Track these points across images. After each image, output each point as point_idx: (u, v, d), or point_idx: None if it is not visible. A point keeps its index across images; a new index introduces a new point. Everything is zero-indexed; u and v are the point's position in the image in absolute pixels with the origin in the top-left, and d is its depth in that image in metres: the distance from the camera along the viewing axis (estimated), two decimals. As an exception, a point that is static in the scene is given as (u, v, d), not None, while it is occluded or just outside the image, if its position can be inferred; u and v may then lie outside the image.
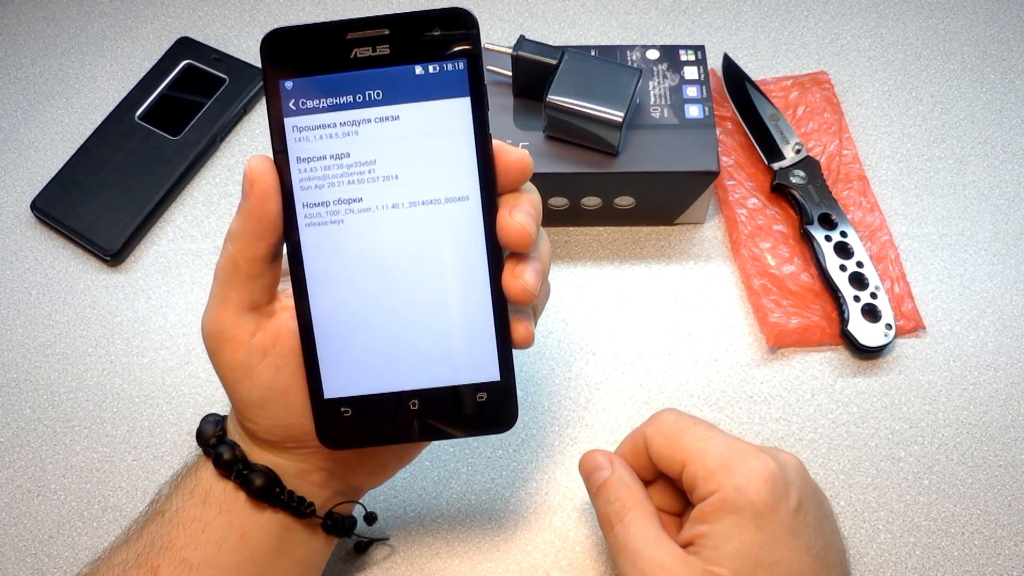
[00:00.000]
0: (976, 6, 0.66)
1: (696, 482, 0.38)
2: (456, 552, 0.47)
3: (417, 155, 0.34)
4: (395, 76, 0.33)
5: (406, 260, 0.34)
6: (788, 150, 0.57)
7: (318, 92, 0.33)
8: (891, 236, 0.56)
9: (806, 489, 0.38)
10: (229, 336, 0.35)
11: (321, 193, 0.34)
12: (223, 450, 0.37)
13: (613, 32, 0.66)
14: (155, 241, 0.58)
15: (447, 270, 0.34)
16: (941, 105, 0.61)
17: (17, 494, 0.50)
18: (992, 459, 0.49)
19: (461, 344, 0.35)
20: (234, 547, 0.37)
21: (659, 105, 0.54)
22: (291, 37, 0.33)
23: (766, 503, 0.36)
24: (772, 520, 0.36)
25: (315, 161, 0.34)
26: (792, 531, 0.36)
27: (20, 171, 0.61)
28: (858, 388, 0.51)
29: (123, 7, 0.69)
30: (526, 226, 0.34)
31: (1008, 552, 0.46)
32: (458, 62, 0.33)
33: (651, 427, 0.40)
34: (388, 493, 0.49)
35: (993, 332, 0.53)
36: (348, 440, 0.36)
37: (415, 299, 0.35)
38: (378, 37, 0.33)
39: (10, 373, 0.54)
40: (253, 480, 0.37)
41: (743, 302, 0.54)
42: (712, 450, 0.38)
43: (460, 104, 0.33)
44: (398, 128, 0.34)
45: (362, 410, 0.36)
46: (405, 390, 0.35)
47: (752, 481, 0.36)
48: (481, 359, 0.35)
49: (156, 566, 0.36)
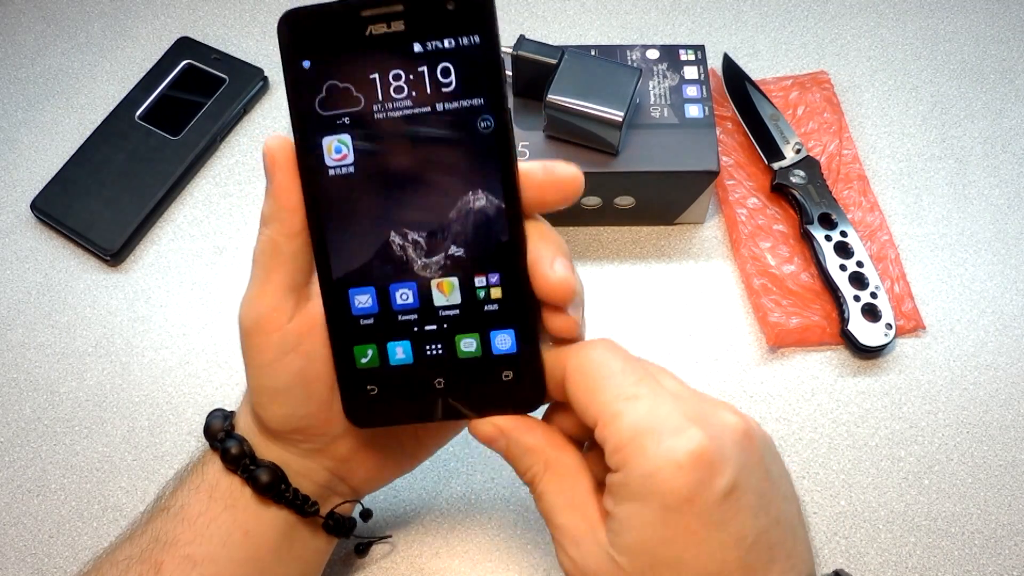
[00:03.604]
0: (976, 6, 0.66)
1: (605, 447, 0.32)
2: (456, 552, 0.47)
3: (433, 134, 0.34)
4: (411, 53, 0.33)
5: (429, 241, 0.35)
6: (788, 150, 0.57)
7: (335, 72, 0.33)
8: (891, 236, 0.56)
9: (748, 462, 0.32)
10: (267, 320, 0.35)
11: (343, 172, 0.34)
12: (231, 445, 0.37)
13: (613, 32, 0.66)
14: (155, 241, 0.58)
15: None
16: (941, 105, 0.61)
17: (17, 494, 0.50)
18: (992, 459, 0.49)
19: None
20: (238, 543, 0.37)
21: (659, 105, 0.54)
22: (308, 17, 0.33)
23: (678, 494, 0.30)
24: (685, 513, 0.30)
25: (336, 135, 0.34)
26: (715, 522, 0.30)
27: (20, 171, 0.61)
28: (858, 388, 0.51)
29: (123, 7, 0.69)
30: (570, 283, 0.33)
31: (1008, 552, 0.46)
32: (473, 37, 0.33)
33: (572, 362, 0.34)
34: (389, 493, 0.49)
35: (993, 332, 0.53)
36: (377, 418, 0.36)
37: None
38: (392, 14, 0.33)
39: (10, 373, 0.54)
40: (259, 476, 0.37)
41: (743, 302, 0.54)
42: (628, 416, 0.31)
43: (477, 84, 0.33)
44: (416, 110, 0.34)
45: (388, 385, 0.36)
46: (431, 365, 0.35)
47: (664, 467, 0.30)
48: (503, 334, 0.35)
49: (160, 562, 0.36)
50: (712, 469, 0.30)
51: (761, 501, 0.32)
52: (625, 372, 0.33)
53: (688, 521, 0.30)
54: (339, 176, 0.34)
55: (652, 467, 0.30)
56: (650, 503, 0.31)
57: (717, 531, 0.31)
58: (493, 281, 0.35)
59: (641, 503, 0.31)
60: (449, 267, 0.34)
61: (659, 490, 0.30)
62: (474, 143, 0.33)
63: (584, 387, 0.33)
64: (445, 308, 0.35)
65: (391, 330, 0.35)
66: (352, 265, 0.35)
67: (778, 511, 0.33)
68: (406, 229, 0.34)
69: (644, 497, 0.31)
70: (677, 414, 0.31)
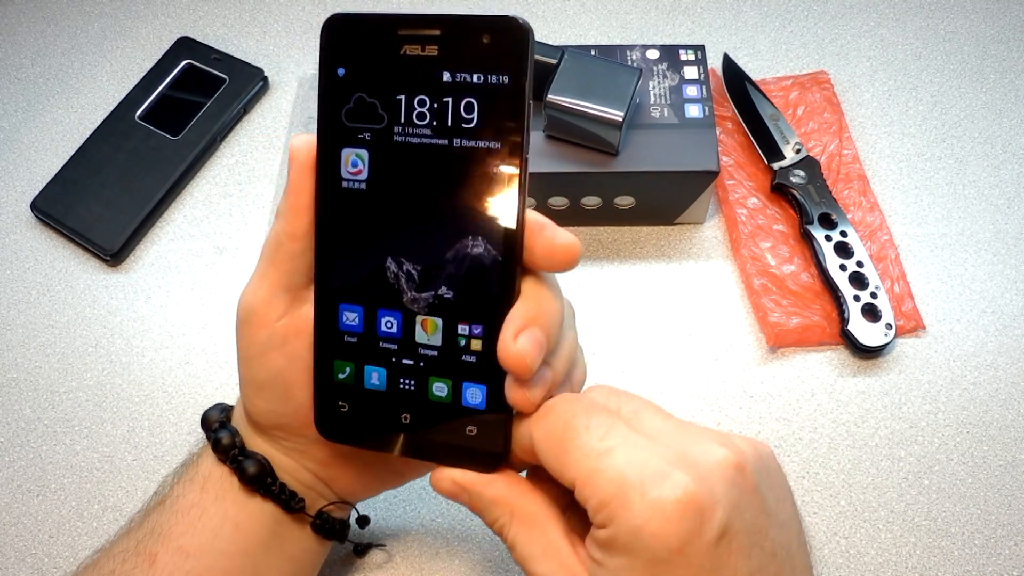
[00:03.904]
0: (976, 6, 0.66)
1: (588, 506, 0.31)
2: (456, 553, 0.47)
3: (445, 169, 0.33)
4: (439, 81, 0.33)
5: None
6: (788, 150, 0.57)
7: (368, 84, 0.33)
8: (891, 236, 0.56)
9: (739, 500, 0.31)
10: (258, 313, 0.35)
11: (355, 186, 0.34)
12: (223, 435, 0.38)
13: (613, 32, 0.66)
14: (155, 241, 0.58)
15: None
16: (941, 105, 0.61)
17: (17, 494, 0.50)
18: (992, 459, 0.49)
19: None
20: (229, 536, 0.37)
21: (659, 105, 0.54)
22: (350, 24, 0.33)
23: (667, 546, 0.29)
24: (676, 565, 0.29)
25: (355, 148, 0.34)
26: (708, 570, 0.30)
27: (20, 171, 0.61)
28: (858, 388, 0.51)
29: (123, 7, 0.69)
30: (525, 355, 0.31)
31: (1008, 552, 0.46)
32: (503, 77, 0.32)
33: (537, 429, 0.33)
34: (388, 494, 0.49)
35: (993, 332, 0.53)
36: (342, 435, 0.36)
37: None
38: (428, 37, 0.32)
39: (10, 373, 0.54)
40: (247, 468, 0.37)
41: (743, 302, 0.54)
42: (606, 471, 0.30)
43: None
44: (434, 140, 0.33)
45: (359, 406, 0.36)
46: (401, 399, 0.35)
47: (652, 520, 0.29)
48: (475, 388, 0.34)
49: (154, 553, 0.36)
50: (701, 516, 0.29)
51: (755, 539, 0.31)
52: (592, 427, 0.32)
53: (679, 573, 0.29)
54: (351, 190, 0.34)
55: (639, 521, 0.29)
56: (640, 556, 0.29)
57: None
58: (476, 332, 0.34)
59: (631, 557, 0.30)
60: (436, 307, 0.34)
61: (648, 545, 0.29)
62: (484, 186, 0.33)
63: (554, 452, 0.32)
64: (425, 347, 0.34)
65: (371, 354, 0.35)
66: (347, 280, 0.35)
67: (773, 545, 0.32)
68: (402, 258, 0.34)
69: (633, 552, 0.30)
70: (657, 459, 0.30)
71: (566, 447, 0.31)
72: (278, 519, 0.38)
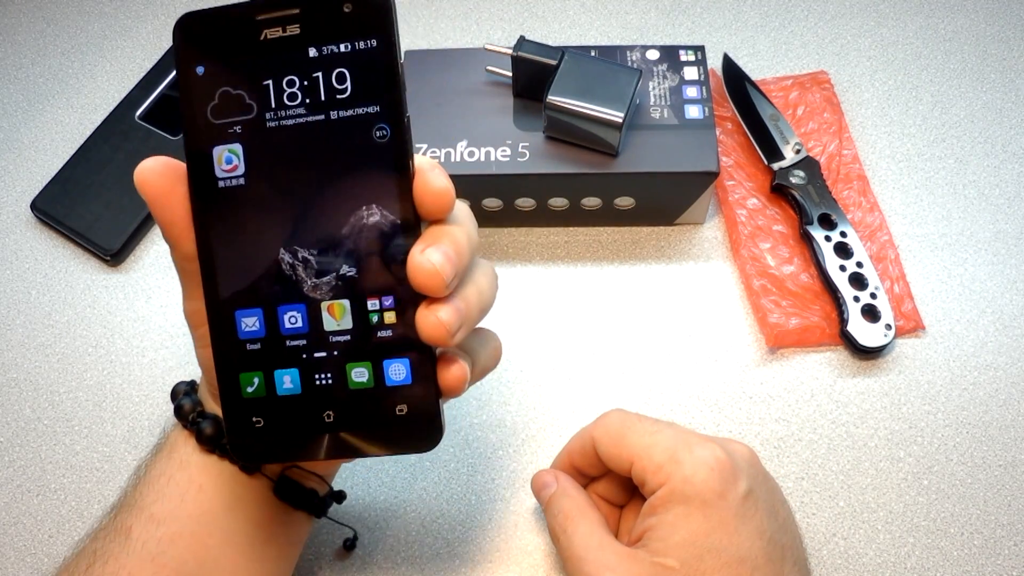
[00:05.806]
0: (976, 6, 0.66)
1: (645, 477, 0.39)
2: (456, 552, 0.47)
3: (327, 144, 0.32)
4: (305, 58, 0.32)
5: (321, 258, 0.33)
6: (788, 150, 0.57)
7: (231, 76, 0.32)
8: (891, 236, 0.56)
9: (756, 476, 0.39)
10: (190, 317, 0.37)
11: (233, 183, 0.33)
12: (184, 401, 0.39)
13: (613, 32, 0.66)
14: (155, 241, 0.58)
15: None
16: (941, 105, 0.61)
17: (17, 494, 0.50)
18: (992, 459, 0.49)
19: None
20: (193, 499, 0.38)
21: (659, 105, 0.54)
22: (203, 21, 0.32)
23: (713, 491, 0.37)
24: (720, 507, 0.37)
25: (227, 144, 0.33)
26: (741, 516, 0.37)
27: (20, 171, 0.61)
28: (858, 388, 0.51)
29: (123, 7, 0.69)
30: (437, 267, 0.31)
31: (1008, 552, 0.46)
32: (370, 40, 0.31)
33: (598, 429, 0.41)
34: (387, 493, 0.49)
35: (993, 332, 0.53)
36: (262, 454, 0.35)
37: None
38: (288, 17, 0.31)
39: (10, 373, 0.54)
40: (204, 428, 0.38)
41: (743, 302, 0.54)
42: (659, 444, 0.39)
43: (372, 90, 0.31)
44: (310, 118, 0.32)
45: (275, 417, 0.34)
46: (320, 396, 0.33)
47: (699, 470, 0.37)
48: (397, 364, 0.33)
49: (129, 527, 0.37)
50: (734, 474, 0.38)
51: (770, 508, 0.39)
52: (642, 420, 0.41)
53: (723, 514, 0.37)
54: (229, 188, 0.33)
55: (690, 472, 0.37)
56: (692, 502, 0.37)
57: (744, 524, 0.37)
58: (387, 304, 0.32)
59: (685, 504, 0.37)
60: (340, 288, 0.32)
61: (697, 489, 0.37)
62: (370, 154, 0.32)
63: (613, 441, 0.40)
64: (336, 333, 0.33)
65: (278, 357, 0.33)
66: (240, 284, 0.33)
67: (784, 519, 0.39)
68: (296, 246, 0.32)
69: (687, 499, 0.37)
70: (697, 436, 0.39)
71: (624, 434, 0.40)
72: (238, 479, 0.38)
